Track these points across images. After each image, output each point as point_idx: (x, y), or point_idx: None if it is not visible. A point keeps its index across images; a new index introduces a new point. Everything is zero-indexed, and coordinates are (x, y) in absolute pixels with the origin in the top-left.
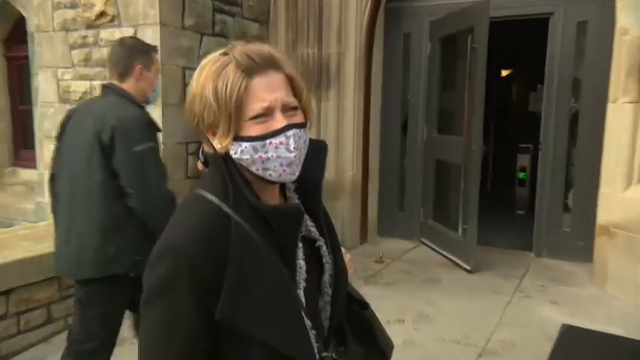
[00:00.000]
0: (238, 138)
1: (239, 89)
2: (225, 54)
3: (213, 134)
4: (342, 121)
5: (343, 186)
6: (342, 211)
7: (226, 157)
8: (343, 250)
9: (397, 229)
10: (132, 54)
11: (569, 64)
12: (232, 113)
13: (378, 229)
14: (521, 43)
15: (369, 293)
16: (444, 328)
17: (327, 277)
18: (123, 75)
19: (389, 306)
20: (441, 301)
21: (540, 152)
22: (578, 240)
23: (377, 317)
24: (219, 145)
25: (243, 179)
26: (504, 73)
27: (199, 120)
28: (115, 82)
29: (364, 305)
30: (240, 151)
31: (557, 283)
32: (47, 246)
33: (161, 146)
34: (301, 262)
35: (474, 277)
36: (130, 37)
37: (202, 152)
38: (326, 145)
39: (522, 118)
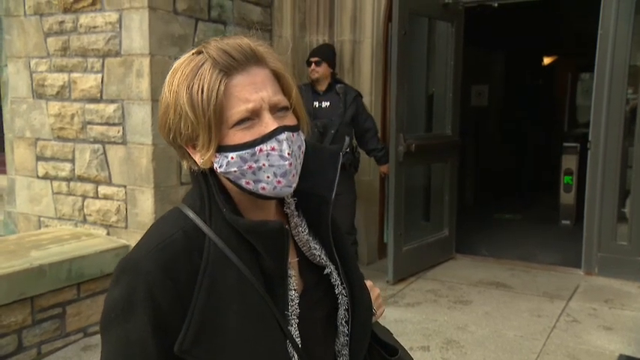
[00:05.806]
0: (222, 148)
1: (217, 92)
2: (199, 52)
3: (194, 148)
4: None
5: (358, 193)
6: (356, 222)
7: (209, 172)
8: (369, 283)
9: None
10: None
11: (625, 48)
12: (212, 121)
13: None
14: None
15: (388, 316)
16: (476, 357)
17: (342, 312)
18: None
19: (412, 331)
20: (473, 325)
21: (590, 152)
22: (636, 255)
23: None
24: (201, 160)
25: (225, 194)
26: (547, 60)
27: (175, 134)
28: None
29: (393, 351)
30: (226, 164)
31: (611, 306)
32: (19, 263)
33: (151, 147)
34: (292, 293)
35: (511, 298)
36: None
37: None
38: (339, 152)
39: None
